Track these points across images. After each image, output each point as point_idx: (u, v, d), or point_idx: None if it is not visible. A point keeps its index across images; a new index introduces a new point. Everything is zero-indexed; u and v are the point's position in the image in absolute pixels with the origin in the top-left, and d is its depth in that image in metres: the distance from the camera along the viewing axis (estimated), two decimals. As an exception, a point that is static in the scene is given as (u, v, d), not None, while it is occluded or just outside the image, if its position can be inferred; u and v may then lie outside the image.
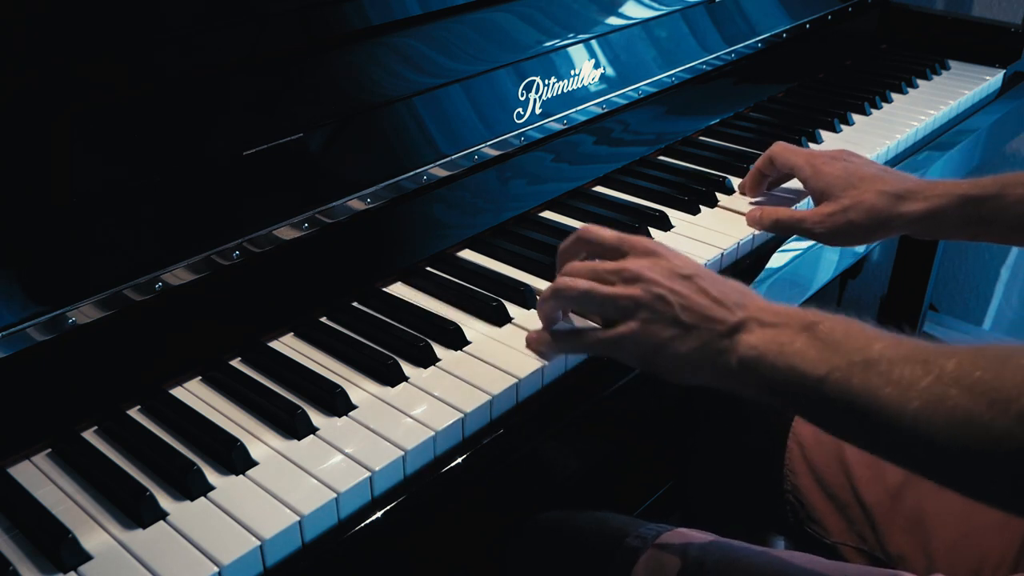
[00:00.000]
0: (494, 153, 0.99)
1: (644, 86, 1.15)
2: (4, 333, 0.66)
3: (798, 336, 0.65)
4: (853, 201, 0.92)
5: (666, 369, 0.71)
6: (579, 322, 0.79)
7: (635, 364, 0.73)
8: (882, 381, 0.59)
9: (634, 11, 1.14)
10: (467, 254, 0.98)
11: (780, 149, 1.02)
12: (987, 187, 0.87)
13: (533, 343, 0.80)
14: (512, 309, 0.86)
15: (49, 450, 0.71)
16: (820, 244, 0.99)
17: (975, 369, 0.55)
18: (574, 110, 1.07)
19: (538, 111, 1.03)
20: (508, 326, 0.85)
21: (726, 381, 0.69)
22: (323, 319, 0.86)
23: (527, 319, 0.85)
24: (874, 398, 0.59)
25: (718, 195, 1.08)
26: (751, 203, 1.07)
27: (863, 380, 0.60)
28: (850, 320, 0.65)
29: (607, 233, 0.77)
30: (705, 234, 1.00)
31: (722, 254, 0.97)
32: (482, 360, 0.80)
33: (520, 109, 1.01)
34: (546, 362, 0.79)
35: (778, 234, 1.01)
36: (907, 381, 0.58)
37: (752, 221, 1.01)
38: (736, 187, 1.10)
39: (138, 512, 0.64)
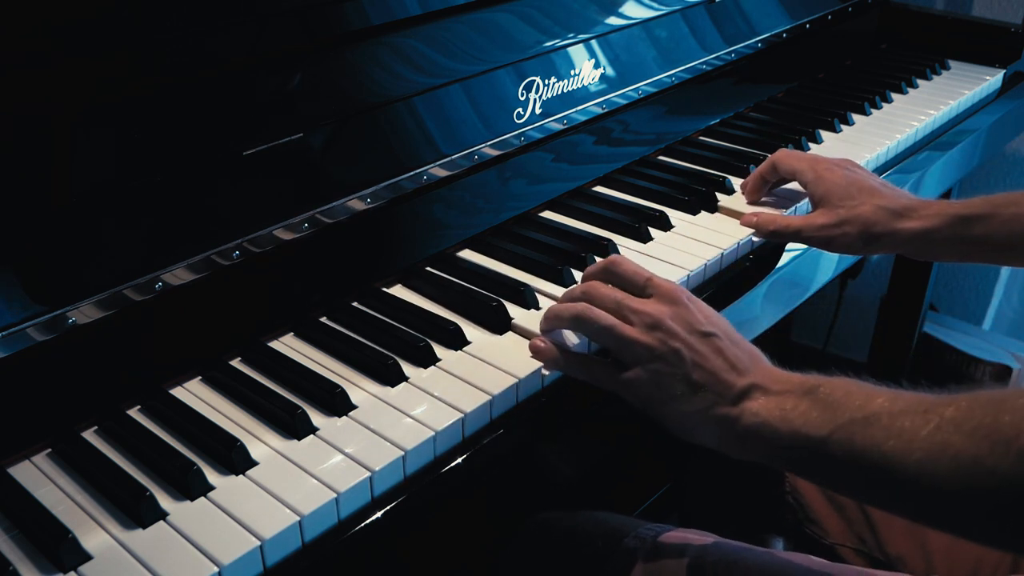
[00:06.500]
0: (494, 153, 0.98)
1: (644, 86, 1.15)
2: (4, 333, 0.66)
3: (801, 401, 0.66)
4: (850, 213, 0.93)
5: (669, 422, 0.72)
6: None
7: (639, 407, 0.74)
8: (884, 435, 0.60)
9: (634, 11, 1.14)
10: (467, 254, 0.98)
11: (783, 155, 1.03)
12: (978, 207, 0.89)
13: (539, 352, 0.79)
14: (512, 309, 0.86)
15: (49, 450, 0.71)
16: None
17: (973, 414, 0.57)
18: (574, 110, 1.07)
19: (538, 111, 1.03)
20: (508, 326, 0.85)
21: (727, 445, 0.70)
22: (323, 319, 0.86)
23: (527, 319, 0.85)
24: (878, 452, 0.60)
25: (718, 195, 1.08)
26: (748, 203, 1.07)
27: (866, 436, 0.61)
28: (849, 380, 0.66)
29: (636, 269, 0.77)
30: (705, 234, 1.00)
31: (722, 254, 0.97)
32: (482, 360, 0.80)
33: (520, 109, 1.01)
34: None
35: (774, 242, 1.01)
36: (909, 432, 0.59)
37: (749, 225, 1.01)
38: (736, 187, 1.11)
39: (138, 512, 0.64)
